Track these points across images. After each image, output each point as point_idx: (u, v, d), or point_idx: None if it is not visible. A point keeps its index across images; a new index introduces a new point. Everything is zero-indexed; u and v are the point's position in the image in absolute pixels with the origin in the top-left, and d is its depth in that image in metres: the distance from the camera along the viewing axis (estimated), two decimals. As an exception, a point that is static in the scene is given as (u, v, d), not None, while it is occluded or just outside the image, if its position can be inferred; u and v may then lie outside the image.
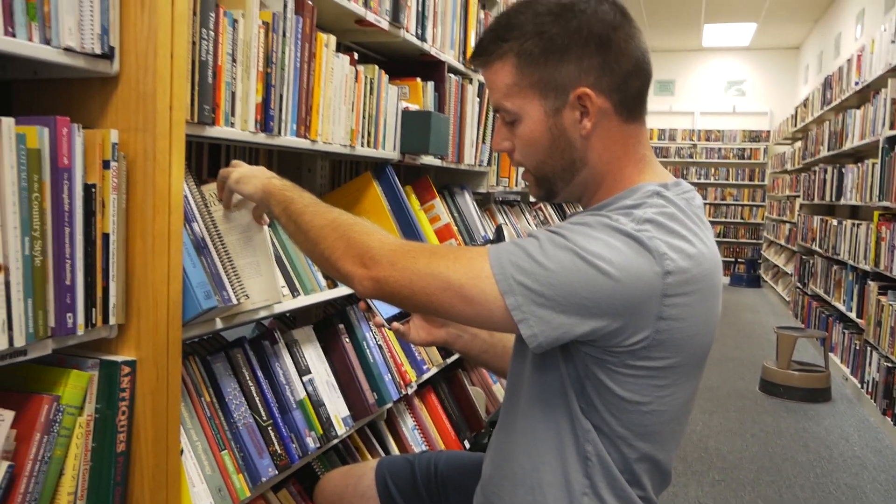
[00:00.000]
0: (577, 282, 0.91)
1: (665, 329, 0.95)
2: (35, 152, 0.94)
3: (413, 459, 1.45)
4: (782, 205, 9.14)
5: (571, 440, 1.03)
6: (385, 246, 1.02)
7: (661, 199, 1.00)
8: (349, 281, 1.04)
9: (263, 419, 1.45)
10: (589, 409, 1.02)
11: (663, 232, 0.95)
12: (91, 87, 1.11)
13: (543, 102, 1.02)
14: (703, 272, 0.97)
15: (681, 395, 1.04)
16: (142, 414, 1.12)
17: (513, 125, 1.06)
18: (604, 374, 0.98)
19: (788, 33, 9.80)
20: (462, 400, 2.79)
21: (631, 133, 1.05)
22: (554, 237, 0.95)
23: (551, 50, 1.00)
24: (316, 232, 1.09)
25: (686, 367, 1.02)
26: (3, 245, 0.90)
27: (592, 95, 1.01)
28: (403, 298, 1.00)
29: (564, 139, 1.04)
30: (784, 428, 3.88)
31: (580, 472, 1.03)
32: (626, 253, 0.92)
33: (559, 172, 1.07)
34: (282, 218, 1.18)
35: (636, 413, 1.00)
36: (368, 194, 2.05)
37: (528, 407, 1.07)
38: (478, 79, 2.76)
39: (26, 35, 0.95)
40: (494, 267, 0.95)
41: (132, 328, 1.11)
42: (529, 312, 0.93)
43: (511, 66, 1.03)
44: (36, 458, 0.97)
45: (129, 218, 1.10)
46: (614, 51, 1.01)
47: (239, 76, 1.34)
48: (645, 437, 1.02)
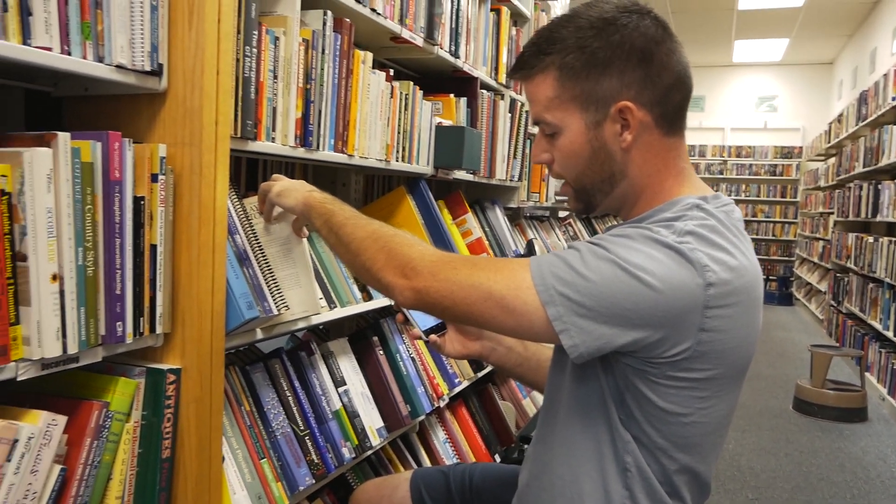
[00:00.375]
0: (619, 293, 0.92)
1: (707, 340, 0.95)
2: (88, 166, 0.97)
3: (447, 471, 1.46)
4: (815, 222, 9.01)
5: (611, 451, 1.03)
6: (426, 257, 1.03)
7: (701, 212, 1.00)
8: (390, 291, 1.05)
9: (301, 429, 1.47)
10: (629, 421, 1.02)
11: (705, 244, 0.95)
12: (139, 103, 1.15)
13: (584, 115, 1.04)
14: (744, 284, 0.97)
15: (722, 406, 1.04)
16: (186, 421, 1.14)
17: (553, 137, 1.08)
18: (644, 386, 0.99)
19: (821, 48, 9.71)
20: (492, 414, 2.79)
21: (671, 146, 1.06)
22: (595, 249, 0.96)
23: (593, 63, 1.02)
24: (357, 244, 1.11)
25: (727, 378, 1.01)
26: (59, 255, 0.93)
27: (634, 109, 1.02)
28: (444, 309, 1.01)
29: (605, 152, 1.05)
30: (819, 447, 3.82)
31: (619, 483, 1.03)
32: (667, 265, 0.93)
33: (598, 185, 1.08)
34: (322, 230, 1.20)
35: (677, 424, 1.00)
36: (402, 208, 2.07)
37: (567, 418, 1.08)
38: (509, 95, 2.78)
39: (81, 53, 0.99)
40: (536, 278, 0.96)
41: (177, 337, 1.14)
42: (571, 323, 0.94)
43: (552, 80, 1.04)
44: (86, 462, 1.00)
45: (176, 230, 1.13)
46: (656, 65, 1.02)
47: (280, 92, 1.37)
48: (685, 448, 1.02)
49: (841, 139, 7.36)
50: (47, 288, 0.91)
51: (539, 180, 3.40)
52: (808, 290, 9.17)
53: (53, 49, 0.94)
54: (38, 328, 0.91)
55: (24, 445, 0.90)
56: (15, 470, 0.89)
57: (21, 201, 0.89)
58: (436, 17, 2.02)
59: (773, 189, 10.78)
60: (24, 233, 0.89)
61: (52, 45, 0.94)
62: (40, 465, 0.92)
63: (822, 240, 8.43)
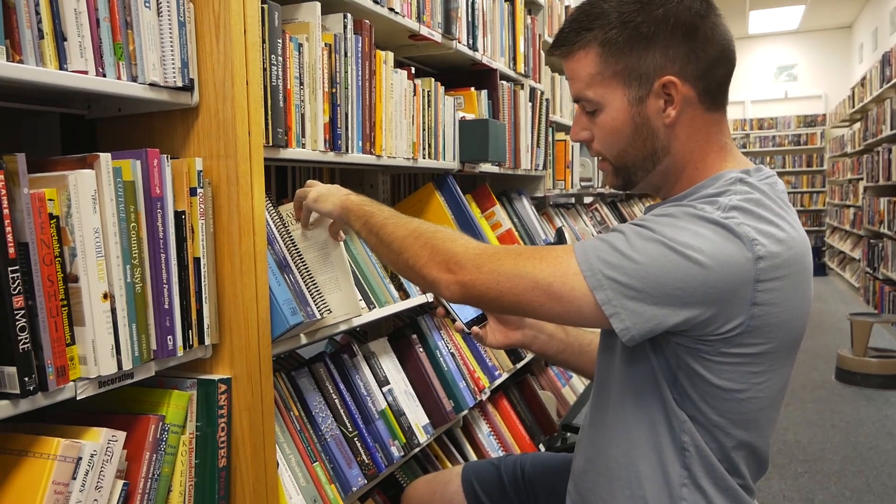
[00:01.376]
0: (668, 272, 0.92)
1: (759, 315, 0.94)
2: (130, 184, 0.99)
3: (498, 463, 1.47)
4: (844, 189, 8.87)
5: (667, 431, 1.03)
6: (469, 250, 1.03)
7: (744, 186, 0.99)
8: (436, 287, 1.05)
9: (349, 430, 1.48)
10: (683, 400, 1.01)
11: (751, 218, 0.94)
12: (173, 119, 1.16)
13: (627, 91, 1.03)
14: (793, 256, 0.96)
15: (776, 380, 1.03)
16: (239, 429, 1.16)
17: (593, 115, 1.07)
18: (698, 364, 0.98)
19: (839, 12, 9.54)
20: (533, 404, 2.79)
21: (713, 121, 1.05)
22: (640, 230, 0.95)
23: (636, 38, 1.01)
24: (399, 242, 1.11)
25: (781, 352, 1.00)
26: (108, 274, 0.95)
27: (678, 83, 1.01)
28: (490, 300, 1.01)
29: (647, 128, 1.04)
30: (865, 416, 3.76)
31: (678, 464, 1.02)
32: (715, 241, 0.92)
33: (640, 162, 1.07)
34: (362, 232, 1.21)
35: (732, 401, 1.00)
36: (432, 205, 2.08)
37: (620, 401, 1.07)
38: (529, 84, 2.77)
39: (115, 74, 1.01)
40: (582, 263, 0.95)
41: (225, 347, 1.16)
42: (621, 306, 0.93)
43: (594, 56, 1.03)
44: (147, 476, 1.01)
45: (217, 241, 1.15)
46: (700, 39, 1.00)
47: (307, 98, 1.38)
48: (742, 424, 1.01)
49: (865, 103, 7.23)
50: (99, 307, 0.93)
51: (564, 167, 3.38)
52: (842, 259, 9.03)
53: (89, 72, 0.96)
54: (94, 347, 0.92)
55: (88, 462, 0.91)
56: (80, 487, 0.90)
57: (69, 223, 0.91)
58: (452, 11, 2.02)
59: (797, 159, 10.63)
60: (73, 254, 0.91)
61: (88, 69, 0.95)
62: (104, 482, 0.94)
63: (852, 207, 8.30)
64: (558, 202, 4.13)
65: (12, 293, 0.82)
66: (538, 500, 1.38)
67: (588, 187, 3.94)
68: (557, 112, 3.43)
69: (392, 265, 1.16)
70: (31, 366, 0.84)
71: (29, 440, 0.90)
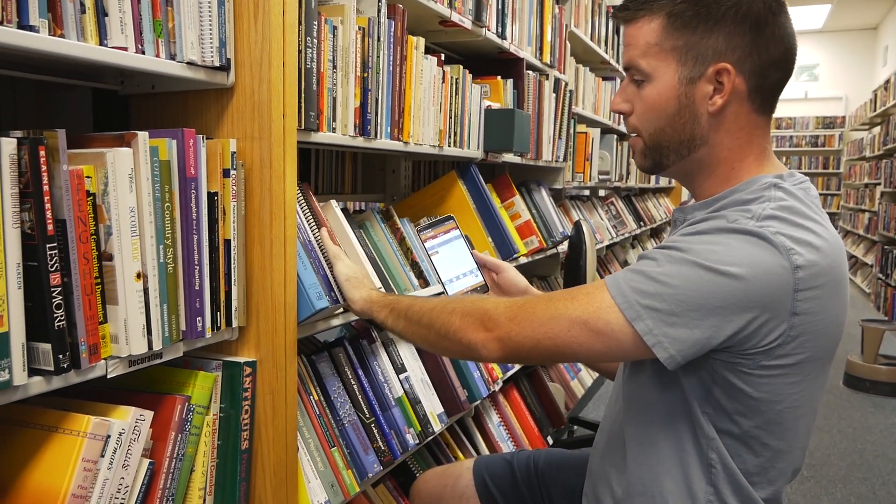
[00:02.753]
0: (707, 292, 0.90)
1: (799, 324, 0.93)
2: (166, 164, 0.98)
3: (511, 458, 1.46)
4: (860, 193, 8.80)
5: (694, 448, 1.01)
6: (500, 305, 1.03)
7: (779, 192, 0.97)
8: (474, 349, 1.03)
9: (367, 416, 1.48)
10: (717, 414, 0.99)
11: (787, 226, 0.93)
12: (207, 98, 1.16)
13: (680, 68, 1.01)
14: (830, 263, 0.94)
15: (813, 388, 1.01)
16: (262, 413, 1.16)
17: (639, 86, 1.05)
18: (736, 378, 0.96)
19: (865, 13, 9.43)
20: (543, 396, 2.80)
21: (758, 124, 1.03)
22: (671, 253, 0.94)
23: (704, 17, 0.98)
24: (428, 316, 1.10)
25: (818, 361, 0.99)
26: (142, 253, 0.94)
27: (732, 73, 0.99)
28: (529, 350, 0.99)
29: (690, 111, 1.02)
30: (873, 424, 3.75)
31: (703, 480, 1.01)
32: (750, 252, 0.90)
33: (675, 145, 1.04)
34: (389, 319, 1.19)
35: (770, 412, 0.98)
36: (454, 193, 2.07)
37: (647, 417, 1.06)
38: (554, 74, 2.75)
39: (154, 51, 1.00)
40: (616, 296, 0.93)
41: (252, 330, 1.15)
42: (662, 335, 0.91)
43: (658, 25, 1.01)
44: (172, 455, 1.02)
45: (248, 224, 1.14)
46: (766, 35, 0.99)
47: (339, 82, 1.37)
48: (779, 434, 1.00)
49: (888, 107, 7.15)
50: (132, 286, 0.92)
51: (583, 160, 3.37)
52: (854, 263, 8.98)
53: (129, 49, 0.95)
54: (125, 326, 0.92)
55: (116, 441, 0.92)
56: (108, 465, 0.91)
57: (105, 201, 0.90)
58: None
59: (814, 160, 10.56)
60: (109, 233, 0.91)
61: (128, 45, 0.95)
62: (131, 460, 0.94)
63: (867, 211, 8.24)
64: (575, 194, 4.11)
65: (49, 270, 0.82)
66: (551, 496, 1.38)
67: (605, 180, 3.92)
68: (580, 104, 3.41)
69: (424, 341, 1.14)
70: (65, 343, 0.84)
71: (59, 416, 0.90)
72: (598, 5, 3.66)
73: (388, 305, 1.20)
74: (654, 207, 5.64)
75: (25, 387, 0.82)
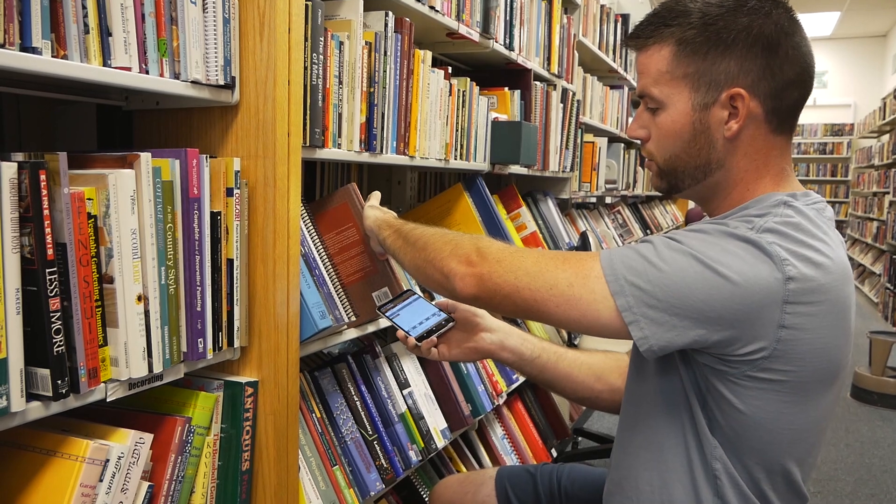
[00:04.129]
0: (694, 284, 0.89)
1: (787, 339, 0.91)
2: (169, 184, 0.97)
3: (534, 471, 1.45)
4: (869, 202, 8.75)
5: (699, 457, 1.01)
6: (494, 244, 1.03)
7: (788, 210, 0.96)
8: (449, 280, 1.03)
9: (369, 433, 1.47)
10: (714, 426, 0.99)
11: (786, 240, 0.92)
12: (211, 116, 1.15)
13: (693, 95, 1.00)
14: (831, 282, 0.93)
15: (810, 413, 0.99)
16: (263, 433, 1.15)
17: (654, 113, 1.04)
18: (724, 388, 0.96)
19: (875, 21, 9.38)
20: (547, 407, 2.78)
21: (776, 144, 1.02)
22: (669, 241, 0.94)
23: (714, 43, 0.98)
24: (424, 240, 1.11)
25: (814, 383, 0.97)
26: (143, 276, 0.93)
27: (746, 97, 0.98)
28: (504, 297, 0.99)
29: (706, 137, 1.01)
30: (881, 438, 3.72)
31: (710, 491, 1.00)
32: (744, 258, 0.90)
33: (690, 170, 1.04)
34: (389, 238, 1.22)
35: (761, 430, 0.97)
36: (460, 205, 2.06)
37: (654, 424, 1.05)
38: (561, 85, 2.73)
39: (158, 71, 0.99)
40: (606, 268, 0.94)
41: (254, 350, 1.14)
42: (641, 314, 0.91)
43: (668, 53, 1.01)
44: (171, 477, 1.01)
45: (251, 243, 1.13)
46: (780, 56, 0.98)
47: (345, 97, 1.36)
48: (773, 455, 0.99)
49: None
50: (133, 309, 0.92)
51: (590, 169, 3.35)
52: (862, 272, 8.93)
53: (132, 68, 0.94)
54: (126, 349, 0.92)
55: (115, 465, 0.91)
56: (107, 489, 0.90)
57: (107, 224, 0.89)
58: (491, 10, 1.99)
59: (822, 168, 10.50)
60: (110, 255, 0.90)
61: (132, 65, 0.94)
62: (130, 483, 0.93)
63: (876, 220, 8.19)
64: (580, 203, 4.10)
65: (49, 295, 0.81)
66: (572, 510, 1.37)
67: (612, 189, 3.91)
68: (587, 114, 3.40)
69: (412, 264, 1.15)
70: (63, 368, 0.83)
71: (57, 440, 0.89)
72: (606, 14, 3.65)
73: (395, 226, 1.23)
74: (661, 215, 5.62)
75: (23, 413, 0.81)
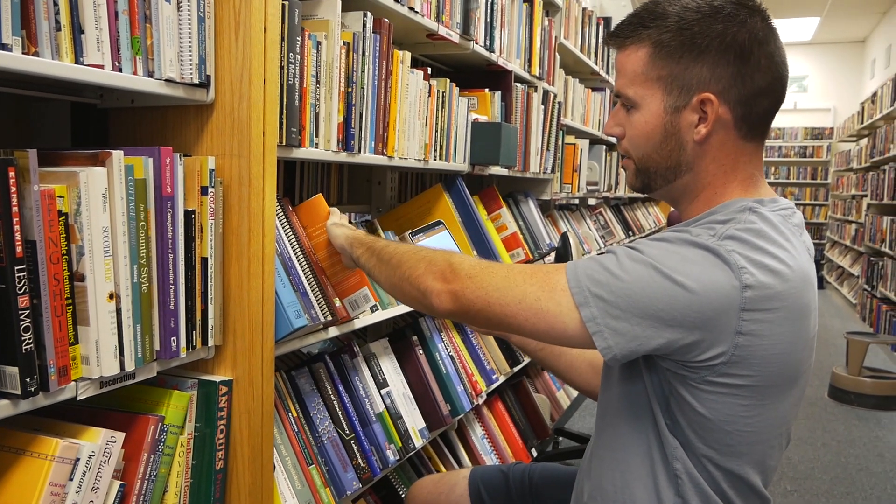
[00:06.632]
0: (653, 293, 0.91)
1: (745, 345, 0.93)
2: (142, 182, 0.97)
3: (506, 470, 1.47)
4: (847, 204, 8.86)
5: (660, 457, 1.02)
6: (466, 261, 1.05)
7: (752, 216, 0.98)
8: (427, 297, 1.05)
9: (346, 433, 1.47)
10: (674, 426, 1.01)
11: (745, 247, 0.93)
12: (186, 115, 1.15)
13: (666, 98, 1.02)
14: (789, 289, 0.94)
15: (768, 416, 1.01)
16: (238, 432, 1.15)
17: (629, 112, 1.07)
18: (685, 391, 0.98)
19: (854, 27, 9.49)
20: (528, 407, 2.79)
21: (745, 150, 1.04)
22: (631, 252, 0.96)
23: (688, 48, 1.00)
24: (398, 257, 1.13)
25: (772, 387, 0.99)
26: (115, 274, 0.93)
27: (715, 103, 1.00)
28: (478, 312, 1.01)
29: (676, 139, 1.03)
30: (857, 437, 3.77)
31: (671, 491, 1.02)
32: (702, 265, 0.92)
33: (661, 171, 1.06)
34: (363, 256, 1.24)
35: (719, 432, 0.99)
36: (439, 206, 2.06)
37: (617, 425, 1.07)
38: (542, 86, 2.75)
39: (131, 69, 0.99)
40: (571, 280, 0.96)
41: (228, 349, 1.14)
42: (604, 325, 0.93)
43: (644, 54, 1.03)
44: (144, 476, 1.00)
45: (225, 242, 1.13)
46: (752, 65, 0.99)
47: (322, 97, 1.36)
48: (731, 456, 1.00)
49: (875, 120, 7.20)
50: (104, 307, 0.91)
51: (571, 171, 3.37)
52: (840, 274, 9.03)
53: (105, 66, 0.94)
54: (97, 347, 0.91)
55: (85, 464, 0.90)
56: (77, 489, 0.89)
57: (78, 221, 0.89)
58: (471, 12, 2.00)
59: (802, 171, 10.61)
60: (81, 253, 0.89)
61: (104, 63, 0.94)
62: (101, 482, 0.93)
63: (854, 223, 8.29)
64: (562, 204, 4.11)
65: (17, 293, 0.80)
66: (542, 509, 1.38)
67: (594, 191, 3.93)
68: (569, 115, 3.41)
69: (388, 282, 1.16)
70: (33, 366, 0.83)
71: (27, 439, 0.89)
72: (588, 16, 3.67)
73: (366, 244, 1.24)
74: (644, 217, 5.65)
75: (-9, 411, 0.81)
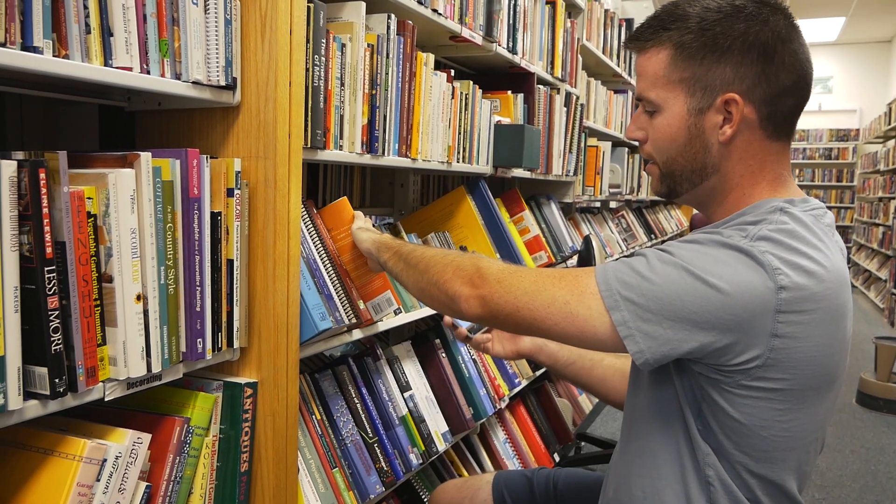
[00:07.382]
0: (686, 296, 0.90)
1: (780, 347, 0.91)
2: (169, 184, 0.97)
3: (531, 475, 1.45)
4: (874, 207, 8.72)
5: (691, 463, 1.01)
6: (493, 265, 1.04)
7: (784, 216, 0.96)
8: (456, 301, 1.05)
9: (369, 436, 1.47)
10: (706, 432, 0.99)
11: (779, 248, 0.91)
12: (213, 117, 1.15)
13: (689, 99, 1.01)
14: (824, 290, 0.92)
15: (805, 420, 0.99)
16: (262, 434, 1.15)
17: (651, 115, 1.05)
18: (719, 396, 0.96)
19: (880, 26, 9.36)
20: (550, 412, 2.77)
21: (772, 150, 1.02)
22: (661, 254, 0.94)
23: (711, 48, 0.98)
24: (426, 262, 1.12)
25: (809, 391, 0.96)
26: (143, 275, 0.93)
27: (740, 103, 0.98)
28: (506, 316, 1.00)
29: (701, 141, 1.02)
30: (886, 444, 3.70)
31: (703, 498, 1.00)
32: (736, 267, 0.90)
33: (687, 174, 1.05)
34: (390, 261, 1.22)
35: (754, 438, 0.97)
36: (462, 209, 2.05)
37: (647, 431, 1.05)
38: (565, 88, 2.73)
39: (159, 71, 0.99)
40: (601, 283, 0.94)
41: (253, 350, 1.14)
42: (636, 328, 0.92)
43: (665, 56, 1.01)
44: (170, 478, 1.00)
45: (251, 244, 1.13)
46: (776, 63, 0.98)
47: (347, 99, 1.36)
48: (766, 462, 0.98)
49: (902, 122, 7.09)
50: (132, 308, 0.92)
51: (594, 174, 3.34)
52: (867, 278, 8.90)
53: (133, 69, 0.94)
54: (124, 348, 0.91)
55: (112, 465, 0.91)
56: (104, 489, 0.90)
57: (106, 223, 0.89)
58: (494, 14, 1.99)
59: (827, 173, 10.47)
60: (109, 254, 0.90)
61: (133, 65, 0.94)
62: (127, 483, 0.93)
63: (882, 226, 8.16)
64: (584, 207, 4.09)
65: (47, 294, 0.81)
66: (567, 517, 1.37)
67: (616, 194, 3.90)
68: (591, 117, 3.39)
69: (416, 286, 1.15)
70: (61, 367, 0.83)
71: (55, 439, 0.89)
72: (610, 18, 3.65)
73: (393, 248, 1.23)
74: (666, 220, 5.60)
75: (20, 411, 0.81)
